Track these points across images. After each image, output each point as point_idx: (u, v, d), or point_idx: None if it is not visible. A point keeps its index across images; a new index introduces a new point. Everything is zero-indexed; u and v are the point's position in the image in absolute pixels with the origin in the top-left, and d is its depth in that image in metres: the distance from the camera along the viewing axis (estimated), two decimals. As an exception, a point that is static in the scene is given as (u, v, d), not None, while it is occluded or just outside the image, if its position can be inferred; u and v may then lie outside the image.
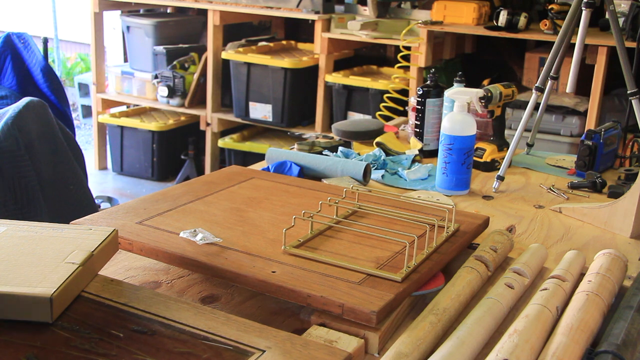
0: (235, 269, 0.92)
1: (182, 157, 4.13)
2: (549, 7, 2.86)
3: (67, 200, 1.91)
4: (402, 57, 3.06)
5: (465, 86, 1.72)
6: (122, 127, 4.14)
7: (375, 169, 1.62)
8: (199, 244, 0.99)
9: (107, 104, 4.29)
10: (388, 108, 2.98)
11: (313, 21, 3.44)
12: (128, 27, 4.20)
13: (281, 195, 1.23)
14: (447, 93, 1.68)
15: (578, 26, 1.55)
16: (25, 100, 1.84)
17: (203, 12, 4.06)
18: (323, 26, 3.41)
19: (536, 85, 1.60)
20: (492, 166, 1.65)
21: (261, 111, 3.69)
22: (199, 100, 3.98)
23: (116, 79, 4.24)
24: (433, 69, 1.98)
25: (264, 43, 3.87)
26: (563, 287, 0.93)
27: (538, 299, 0.89)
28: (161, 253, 0.98)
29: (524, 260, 1.03)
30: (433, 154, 1.71)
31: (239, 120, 3.80)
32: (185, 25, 4.28)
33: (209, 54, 3.80)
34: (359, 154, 1.68)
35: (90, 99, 4.74)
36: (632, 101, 1.56)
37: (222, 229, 1.06)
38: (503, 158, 1.57)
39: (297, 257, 0.97)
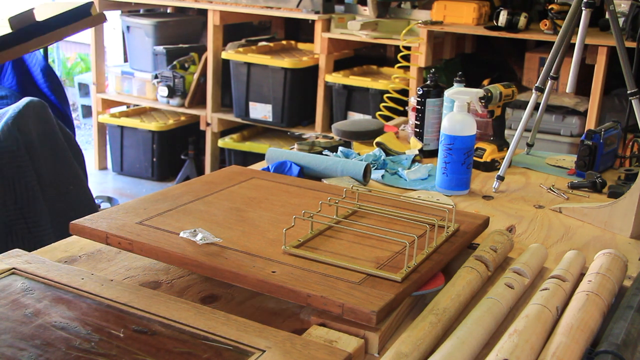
0: (235, 269, 0.92)
1: (182, 157, 4.13)
2: (549, 7, 2.86)
3: (67, 200, 1.91)
4: (402, 57, 3.06)
5: (465, 86, 1.72)
6: (122, 127, 4.14)
7: (375, 169, 1.62)
8: (199, 244, 0.99)
9: (107, 104, 4.29)
10: (388, 108, 2.98)
11: (313, 21, 3.44)
12: (128, 27, 4.20)
13: (281, 195, 1.23)
14: (447, 93, 1.68)
15: (578, 26, 1.55)
16: (25, 100, 1.84)
17: (203, 12, 4.06)
18: (323, 26, 3.41)
19: (536, 85, 1.60)
20: (492, 166, 1.65)
21: (261, 111, 3.69)
22: (199, 100, 3.98)
23: (116, 79, 4.24)
24: (433, 69, 1.98)
25: (264, 43, 3.87)
26: (563, 287, 0.93)
27: (538, 299, 0.89)
28: (161, 253, 0.98)
29: (524, 260, 1.03)
30: (433, 154, 1.71)
31: (239, 120, 3.80)
32: (185, 25, 4.28)
33: (209, 54, 3.80)
34: (359, 154, 1.68)
35: (90, 99, 4.74)
36: (632, 101, 1.56)
37: (222, 229, 1.06)
38: (503, 158, 1.57)
39: (297, 257, 0.97)
